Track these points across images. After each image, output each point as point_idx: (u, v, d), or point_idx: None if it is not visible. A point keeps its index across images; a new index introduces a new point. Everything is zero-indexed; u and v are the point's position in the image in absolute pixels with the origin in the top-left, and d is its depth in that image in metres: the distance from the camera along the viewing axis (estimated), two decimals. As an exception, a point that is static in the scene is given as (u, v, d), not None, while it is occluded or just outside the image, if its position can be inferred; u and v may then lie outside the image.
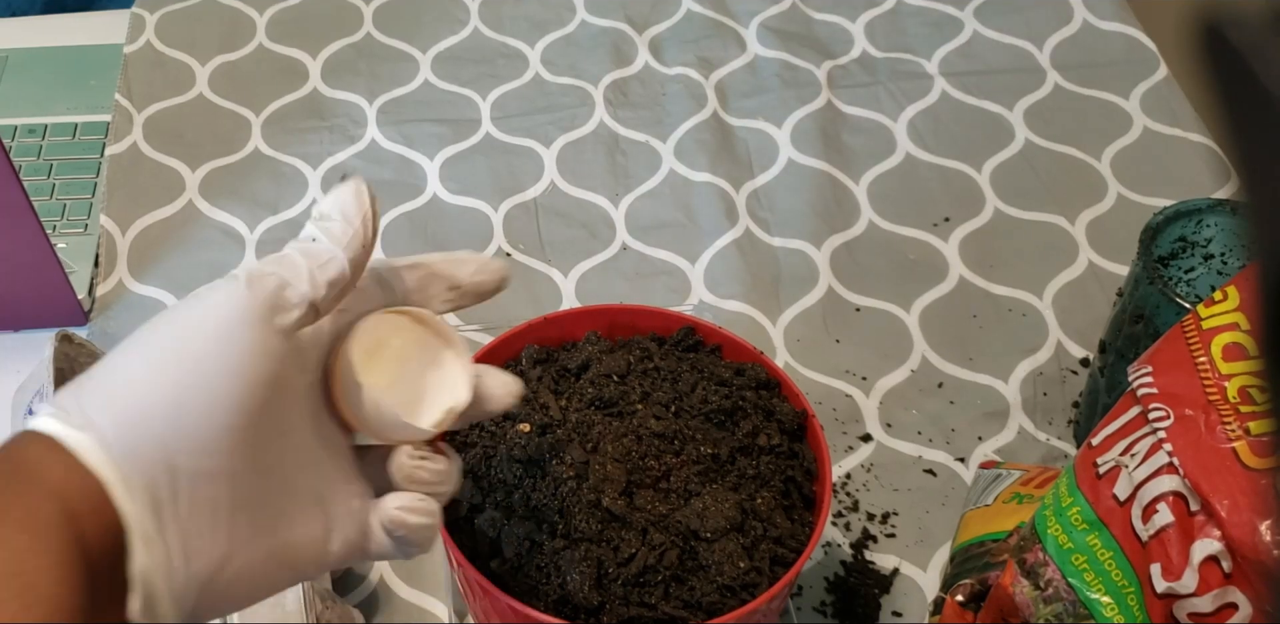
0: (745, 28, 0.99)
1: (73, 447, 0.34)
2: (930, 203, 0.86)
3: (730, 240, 0.83)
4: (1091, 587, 0.50)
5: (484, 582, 0.49)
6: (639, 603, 0.50)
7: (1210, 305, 0.50)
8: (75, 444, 0.34)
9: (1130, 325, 0.65)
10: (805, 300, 0.80)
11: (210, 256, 0.82)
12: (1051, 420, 0.74)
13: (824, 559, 0.67)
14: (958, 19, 0.99)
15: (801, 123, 0.91)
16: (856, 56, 0.97)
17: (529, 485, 0.52)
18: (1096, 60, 0.96)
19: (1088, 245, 0.84)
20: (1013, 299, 0.81)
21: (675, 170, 0.88)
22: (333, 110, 0.92)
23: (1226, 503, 0.44)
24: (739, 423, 0.55)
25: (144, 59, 0.95)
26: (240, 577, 0.36)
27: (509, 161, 0.89)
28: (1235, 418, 0.46)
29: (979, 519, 0.64)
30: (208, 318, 0.36)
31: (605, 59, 0.96)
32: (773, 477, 0.54)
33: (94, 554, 0.33)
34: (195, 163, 0.88)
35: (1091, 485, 0.51)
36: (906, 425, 0.74)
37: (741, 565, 0.50)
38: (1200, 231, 0.67)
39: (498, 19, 1.00)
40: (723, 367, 0.58)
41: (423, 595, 0.66)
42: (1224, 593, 0.45)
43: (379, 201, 0.41)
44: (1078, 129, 0.91)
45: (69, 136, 0.89)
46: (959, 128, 0.92)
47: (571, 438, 0.53)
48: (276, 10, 1.00)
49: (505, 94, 0.94)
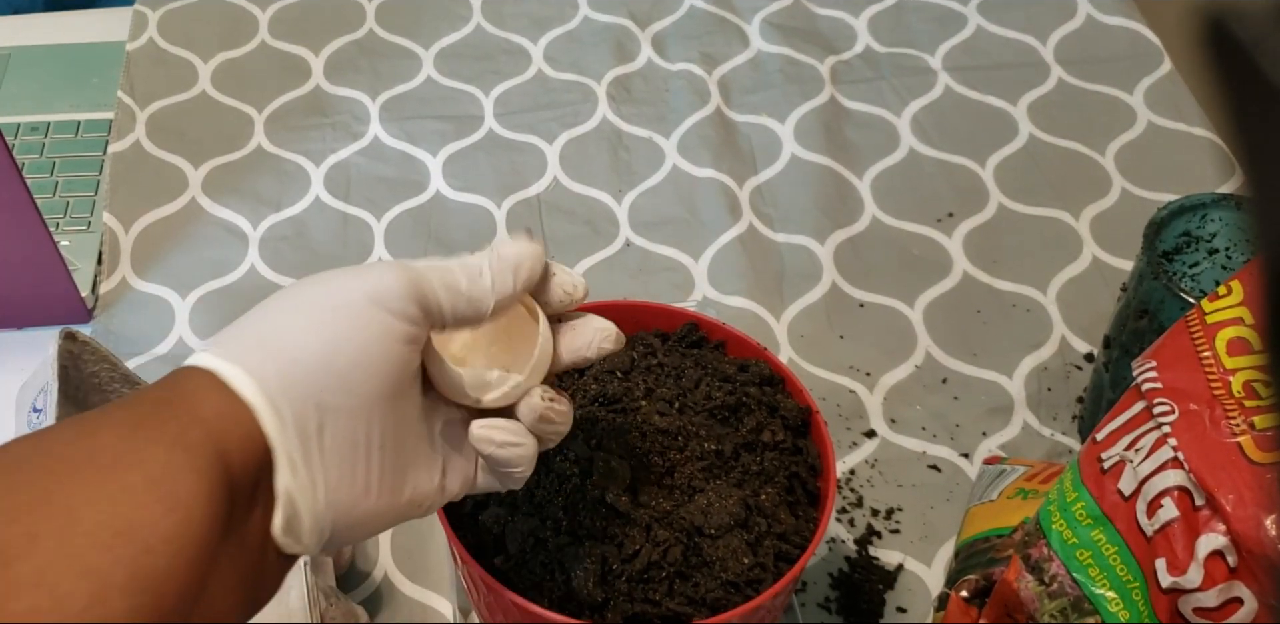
0: (748, 23, 0.98)
1: (226, 377, 0.36)
2: (934, 198, 0.86)
3: (734, 236, 0.83)
4: (1096, 582, 0.50)
5: (488, 578, 0.49)
6: (643, 599, 0.50)
7: (1214, 300, 0.50)
8: (229, 375, 0.36)
9: (1134, 320, 0.65)
10: (809, 296, 0.80)
11: (213, 254, 0.82)
12: (1056, 416, 0.74)
13: (828, 555, 0.67)
14: (961, 14, 0.99)
15: (805, 118, 0.91)
16: (860, 52, 0.96)
17: (533, 482, 0.52)
18: (1100, 55, 0.96)
19: (1092, 240, 0.83)
20: (1017, 294, 0.80)
21: (678, 166, 0.88)
22: (335, 107, 0.92)
23: (1231, 497, 0.44)
24: (743, 419, 0.55)
25: (146, 56, 0.95)
26: (372, 512, 0.39)
27: (512, 158, 0.89)
28: (1240, 412, 0.46)
29: (983, 515, 0.64)
30: (368, 281, 0.39)
31: (608, 55, 0.96)
32: (777, 473, 0.54)
33: (237, 477, 0.35)
34: (198, 160, 0.88)
35: (1096, 481, 0.51)
36: (910, 421, 0.74)
37: (746, 562, 0.50)
38: (1204, 226, 0.67)
39: (500, 15, 1.00)
40: (726, 363, 0.58)
41: (427, 592, 0.66)
42: (1229, 588, 0.45)
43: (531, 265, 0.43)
44: (1082, 124, 0.91)
45: (72, 134, 0.89)
46: (962, 123, 0.91)
47: (575, 434, 0.53)
48: (279, 7, 1.00)
49: (508, 90, 0.94)
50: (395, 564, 0.67)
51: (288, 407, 0.37)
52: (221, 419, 0.35)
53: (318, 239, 0.84)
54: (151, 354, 0.77)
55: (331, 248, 0.83)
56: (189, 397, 0.36)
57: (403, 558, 0.67)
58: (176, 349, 0.77)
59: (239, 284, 0.81)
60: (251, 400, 0.36)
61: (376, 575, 0.67)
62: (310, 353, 0.37)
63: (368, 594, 0.66)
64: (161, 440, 0.34)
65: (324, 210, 0.85)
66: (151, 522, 0.32)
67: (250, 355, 0.37)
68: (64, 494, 0.31)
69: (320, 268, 0.83)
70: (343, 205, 0.86)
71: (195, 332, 0.78)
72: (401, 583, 0.66)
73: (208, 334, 0.78)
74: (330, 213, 0.85)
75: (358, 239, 0.84)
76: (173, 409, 0.35)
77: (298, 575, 0.57)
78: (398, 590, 0.66)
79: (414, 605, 0.66)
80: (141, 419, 0.35)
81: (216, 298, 0.80)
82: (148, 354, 0.77)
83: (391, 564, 0.67)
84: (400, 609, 0.66)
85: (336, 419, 0.37)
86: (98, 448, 0.33)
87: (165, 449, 0.33)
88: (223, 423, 0.35)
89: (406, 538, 0.68)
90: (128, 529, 0.31)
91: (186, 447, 0.34)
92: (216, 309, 0.79)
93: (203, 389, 0.36)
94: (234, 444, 0.35)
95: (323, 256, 0.82)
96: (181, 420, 0.35)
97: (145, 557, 0.31)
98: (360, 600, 0.65)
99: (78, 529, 0.31)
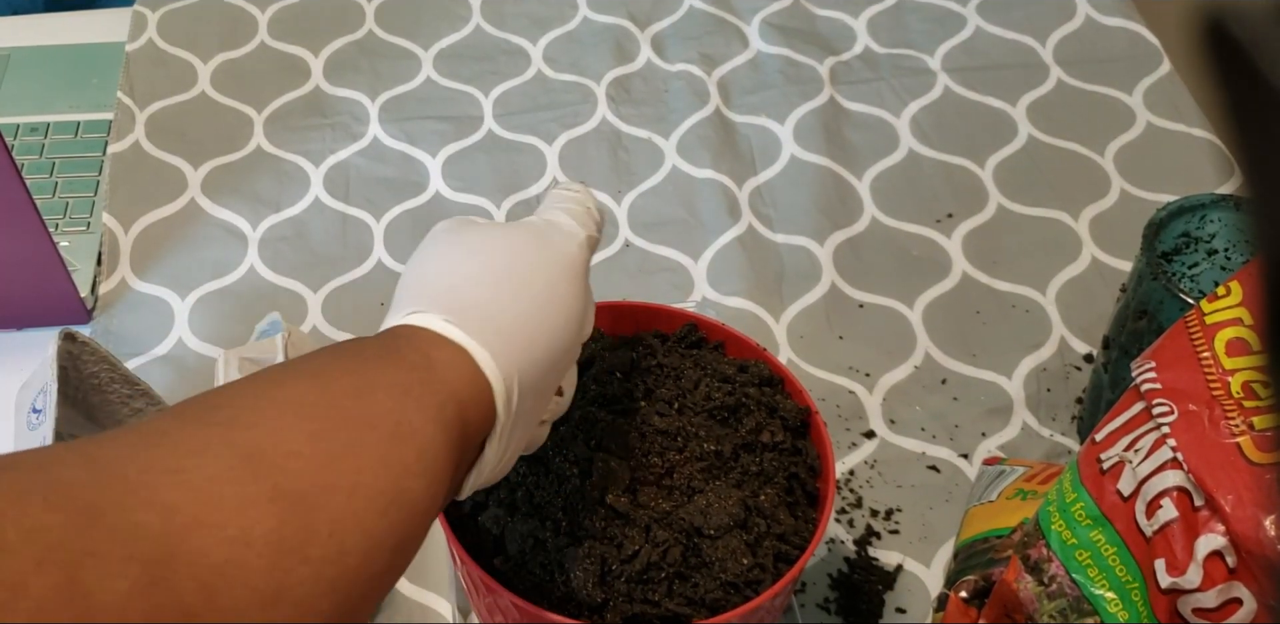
0: (747, 24, 0.98)
1: (478, 360, 0.41)
2: (933, 199, 0.86)
3: (733, 237, 0.83)
4: (1095, 582, 0.50)
5: (487, 579, 0.49)
6: (642, 600, 0.50)
7: (1213, 301, 0.50)
8: (480, 359, 0.41)
9: (1134, 321, 0.65)
10: (808, 297, 0.80)
11: (213, 254, 0.82)
12: (1055, 416, 0.74)
13: (827, 556, 0.67)
14: (960, 15, 0.99)
15: (804, 119, 0.91)
16: (859, 52, 0.96)
17: (532, 483, 0.52)
18: (1099, 55, 0.96)
19: (1091, 241, 0.83)
20: (1016, 295, 0.80)
21: (678, 167, 0.88)
22: (335, 108, 0.92)
23: (1231, 498, 0.44)
24: (742, 419, 0.55)
25: (146, 57, 0.95)
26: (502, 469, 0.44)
27: (511, 159, 0.89)
28: (1239, 413, 0.46)
29: (982, 515, 0.64)
30: (566, 268, 0.45)
31: (607, 56, 0.96)
32: (776, 473, 0.54)
33: (469, 446, 0.40)
34: (197, 161, 0.88)
35: (1095, 481, 0.51)
36: (910, 422, 0.74)
37: (745, 562, 0.50)
38: (1204, 227, 0.67)
39: (500, 16, 1.00)
40: (726, 363, 0.58)
41: (426, 593, 0.66)
42: (1228, 588, 0.45)
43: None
44: (1081, 124, 0.91)
45: (71, 135, 0.89)
46: (962, 124, 0.91)
47: (575, 435, 0.53)
48: (278, 8, 1.00)
49: (507, 91, 0.94)
50: (395, 565, 0.67)
51: (517, 393, 0.41)
52: (470, 399, 0.40)
53: (317, 240, 0.84)
54: (151, 355, 0.77)
55: (331, 248, 0.83)
56: (444, 370, 0.40)
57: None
58: (176, 350, 0.77)
59: (238, 285, 0.81)
60: (494, 384, 0.41)
61: (376, 576, 0.67)
62: (540, 348, 0.43)
63: (367, 595, 0.66)
64: (427, 413, 0.38)
65: (323, 211, 0.85)
66: (415, 492, 0.36)
67: (491, 338, 0.41)
68: (354, 454, 0.35)
69: (320, 268, 0.83)
70: (342, 206, 0.86)
71: (194, 332, 0.78)
72: (401, 584, 0.66)
73: (207, 335, 0.78)
74: (330, 213, 0.85)
75: (357, 240, 0.84)
76: (432, 383, 0.39)
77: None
78: (397, 591, 0.66)
79: (413, 606, 0.66)
80: (409, 386, 0.38)
81: (216, 298, 0.80)
82: (147, 355, 0.77)
83: (391, 565, 0.67)
84: (400, 610, 0.66)
85: (537, 400, 0.44)
86: (378, 411, 0.37)
87: (431, 423, 0.38)
88: (470, 402, 0.40)
89: (406, 538, 0.68)
90: (398, 497, 0.35)
91: (445, 424, 0.38)
92: (216, 310, 0.79)
93: (457, 366, 0.40)
94: (474, 420, 0.40)
95: (322, 257, 0.82)
96: (440, 395, 0.39)
97: (405, 522, 0.35)
98: (360, 601, 0.65)
99: (361, 490, 0.34)
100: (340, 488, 0.33)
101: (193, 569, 0.29)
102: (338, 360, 0.39)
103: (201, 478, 0.31)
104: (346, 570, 0.32)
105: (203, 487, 0.31)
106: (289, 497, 0.32)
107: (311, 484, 0.33)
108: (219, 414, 0.34)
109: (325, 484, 0.33)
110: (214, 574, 0.29)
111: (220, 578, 0.29)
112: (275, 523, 0.31)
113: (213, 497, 0.30)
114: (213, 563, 0.29)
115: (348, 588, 0.32)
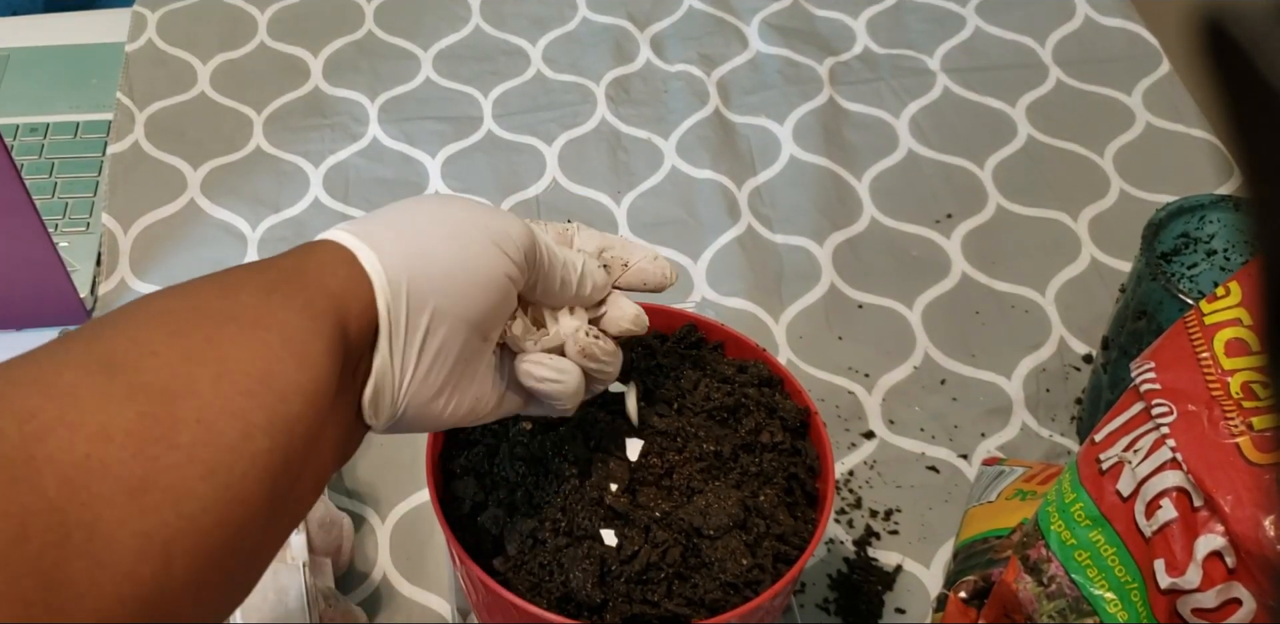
0: (747, 25, 0.98)
1: (359, 255, 0.40)
2: (932, 199, 0.86)
3: (732, 237, 0.83)
4: (1095, 583, 0.50)
5: (487, 579, 0.49)
6: (642, 600, 0.50)
7: (1213, 301, 0.50)
8: (363, 256, 0.40)
9: (1133, 321, 0.65)
10: (808, 297, 0.80)
11: (212, 255, 0.82)
12: (1054, 417, 0.74)
13: (827, 556, 0.67)
14: (959, 15, 0.99)
15: (803, 119, 0.91)
16: (858, 53, 0.96)
17: (531, 483, 0.52)
18: (1099, 56, 0.96)
19: (1090, 241, 0.84)
20: (1015, 295, 0.81)
21: (677, 167, 0.88)
22: (334, 108, 0.92)
23: (1230, 498, 0.44)
24: (741, 420, 0.55)
25: (145, 57, 0.95)
26: (436, 412, 0.43)
27: (510, 159, 0.89)
28: (1238, 413, 0.46)
29: (982, 516, 0.64)
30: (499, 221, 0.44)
31: (607, 56, 0.96)
32: (775, 474, 0.54)
33: (352, 346, 0.39)
34: (197, 161, 0.88)
35: (1094, 481, 0.51)
36: (909, 422, 0.74)
37: (744, 563, 0.50)
38: (1203, 227, 0.67)
39: (499, 16, 1.00)
40: (725, 364, 0.58)
41: (425, 593, 0.66)
42: (1228, 588, 0.45)
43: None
44: (1080, 125, 0.91)
45: (71, 135, 0.89)
46: (961, 124, 0.91)
47: (574, 435, 0.53)
48: (278, 8, 1.00)
49: (507, 91, 0.94)
50: (394, 565, 0.67)
51: (406, 296, 0.40)
52: (346, 291, 0.39)
53: (317, 240, 0.84)
54: (150, 355, 0.77)
55: (330, 249, 0.83)
56: (321, 267, 0.40)
57: (401, 559, 0.67)
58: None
59: (238, 285, 0.81)
60: (375, 279, 0.40)
61: (375, 576, 0.67)
62: (440, 259, 0.41)
63: (366, 595, 0.66)
64: (293, 306, 0.38)
65: (323, 211, 0.85)
66: (286, 374, 0.36)
67: (385, 243, 0.41)
68: (214, 345, 0.35)
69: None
70: (342, 206, 0.86)
71: (194, 332, 0.78)
72: (400, 584, 0.66)
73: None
74: (329, 214, 0.85)
75: (357, 240, 0.84)
76: (304, 278, 0.39)
77: (296, 576, 0.57)
78: (396, 591, 0.66)
79: (413, 606, 0.66)
80: (276, 284, 0.38)
81: (215, 299, 0.80)
82: (146, 355, 0.76)
83: (390, 565, 0.67)
84: (399, 610, 0.66)
85: (440, 324, 0.41)
86: (240, 307, 0.37)
87: (297, 314, 0.37)
88: (347, 295, 0.39)
89: (405, 539, 0.68)
90: (267, 379, 0.35)
91: (314, 314, 0.38)
92: (215, 310, 0.79)
93: (334, 262, 0.40)
94: (353, 315, 0.39)
95: (321, 257, 0.82)
96: (311, 289, 0.39)
97: (281, 404, 0.35)
98: (359, 601, 0.65)
99: (226, 377, 0.34)
100: (202, 377, 0.34)
101: (54, 466, 0.30)
102: (212, 275, 0.39)
103: (61, 385, 0.32)
104: (221, 451, 0.33)
105: (62, 391, 0.32)
106: (147, 390, 0.33)
107: (172, 376, 0.34)
108: (84, 332, 0.35)
109: (186, 375, 0.34)
110: (76, 469, 0.30)
111: (82, 472, 0.30)
112: (135, 415, 0.32)
113: (71, 400, 0.32)
114: (73, 459, 0.30)
115: (227, 470, 0.33)
